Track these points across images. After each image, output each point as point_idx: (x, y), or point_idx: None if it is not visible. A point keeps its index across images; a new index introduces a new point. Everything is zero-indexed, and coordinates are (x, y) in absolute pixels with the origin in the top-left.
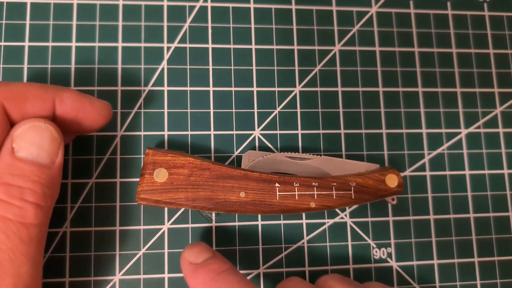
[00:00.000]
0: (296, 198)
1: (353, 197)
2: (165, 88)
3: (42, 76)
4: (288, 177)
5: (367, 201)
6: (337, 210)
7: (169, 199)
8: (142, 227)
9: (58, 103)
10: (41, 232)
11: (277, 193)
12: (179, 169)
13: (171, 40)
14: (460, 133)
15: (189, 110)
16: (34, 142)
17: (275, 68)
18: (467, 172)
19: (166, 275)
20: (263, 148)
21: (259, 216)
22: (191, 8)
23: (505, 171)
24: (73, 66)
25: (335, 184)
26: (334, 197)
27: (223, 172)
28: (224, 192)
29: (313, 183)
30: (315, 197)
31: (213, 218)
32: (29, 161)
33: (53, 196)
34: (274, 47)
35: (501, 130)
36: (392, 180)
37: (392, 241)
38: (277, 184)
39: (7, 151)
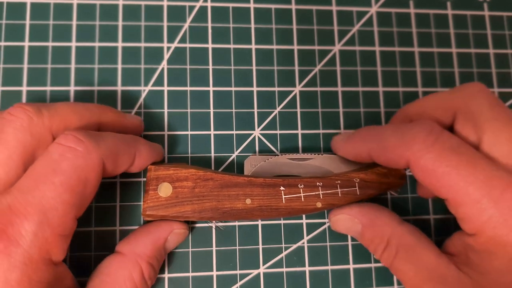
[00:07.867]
0: (302, 199)
1: (358, 193)
2: (165, 88)
3: (42, 76)
4: (293, 180)
5: (371, 195)
6: None
7: (175, 213)
8: None
9: (137, 157)
10: None
11: (283, 196)
12: (182, 182)
13: (171, 40)
14: None
15: (189, 110)
16: (176, 242)
17: (275, 68)
18: None
19: (166, 275)
20: (263, 147)
21: None
22: (191, 8)
23: None
24: (73, 66)
25: (339, 182)
26: (340, 195)
27: (227, 181)
28: (230, 200)
29: (318, 183)
30: (321, 196)
31: (221, 226)
32: (165, 253)
33: None
34: (274, 47)
35: None
36: (394, 173)
37: None
38: (282, 188)
39: (162, 239)
